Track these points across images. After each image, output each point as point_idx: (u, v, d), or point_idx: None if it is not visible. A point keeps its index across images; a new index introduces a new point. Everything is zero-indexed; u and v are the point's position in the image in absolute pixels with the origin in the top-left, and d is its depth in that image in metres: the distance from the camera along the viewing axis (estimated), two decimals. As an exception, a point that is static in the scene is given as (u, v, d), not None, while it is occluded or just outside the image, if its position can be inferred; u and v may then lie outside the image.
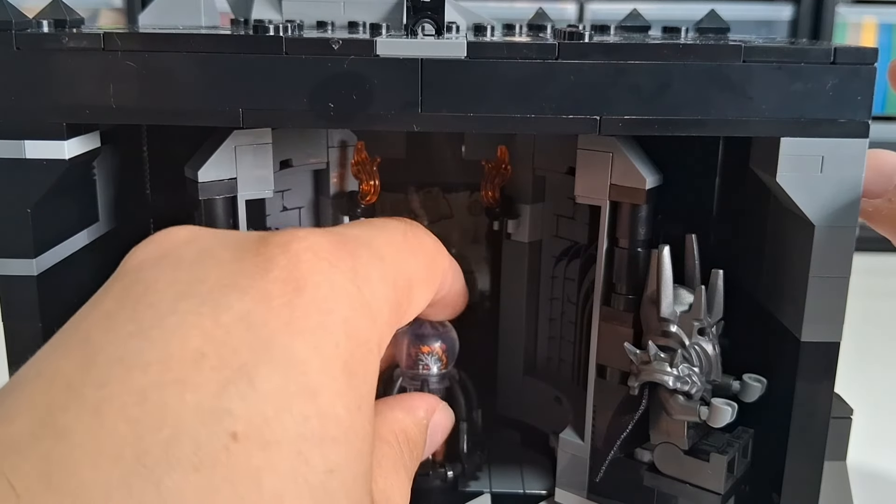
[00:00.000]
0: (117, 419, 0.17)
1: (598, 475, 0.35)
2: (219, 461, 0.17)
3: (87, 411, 0.17)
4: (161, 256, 0.22)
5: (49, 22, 0.28)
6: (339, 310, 0.21)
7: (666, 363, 0.31)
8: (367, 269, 0.23)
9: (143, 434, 0.17)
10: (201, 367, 0.18)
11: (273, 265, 0.21)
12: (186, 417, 0.17)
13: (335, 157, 0.38)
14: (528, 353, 0.42)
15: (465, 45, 0.27)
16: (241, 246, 0.22)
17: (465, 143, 0.40)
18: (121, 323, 0.19)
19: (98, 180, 0.34)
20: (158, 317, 0.19)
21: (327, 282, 0.21)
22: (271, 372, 0.19)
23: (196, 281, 0.20)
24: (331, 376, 0.20)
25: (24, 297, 0.29)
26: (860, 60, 0.27)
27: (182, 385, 0.18)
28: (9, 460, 0.17)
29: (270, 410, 0.18)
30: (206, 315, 0.19)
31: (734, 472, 0.32)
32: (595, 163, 0.33)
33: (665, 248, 0.31)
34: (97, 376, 0.18)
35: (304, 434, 0.18)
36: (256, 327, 0.19)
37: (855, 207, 0.28)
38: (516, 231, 0.41)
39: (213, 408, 0.18)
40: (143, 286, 0.20)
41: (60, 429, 0.17)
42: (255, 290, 0.20)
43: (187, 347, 0.18)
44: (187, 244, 0.22)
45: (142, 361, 0.18)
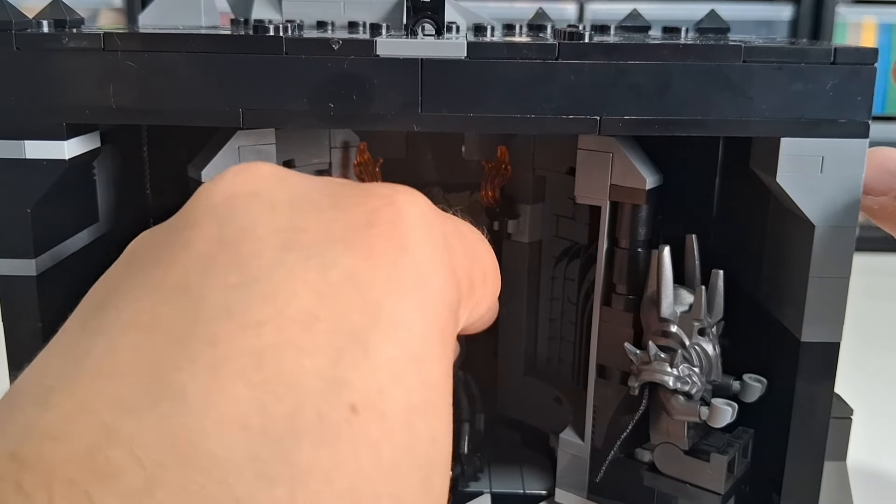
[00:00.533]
0: (237, 384, 0.16)
1: (598, 475, 0.35)
2: (342, 434, 0.17)
3: (202, 371, 0.16)
4: (251, 194, 0.21)
5: (49, 22, 0.28)
6: (437, 273, 0.20)
7: (666, 363, 0.31)
8: (454, 239, 0.23)
9: (267, 403, 0.16)
10: (315, 330, 0.18)
11: (377, 218, 0.20)
12: (307, 387, 0.17)
13: (338, 158, 0.38)
14: (529, 353, 0.42)
15: (465, 45, 0.27)
16: (339, 193, 0.21)
17: (465, 144, 0.40)
18: (221, 269, 0.18)
19: (98, 180, 0.34)
20: (263, 268, 0.18)
21: (428, 244, 0.21)
22: (383, 339, 0.18)
23: (298, 230, 0.20)
24: (431, 343, 0.19)
25: (24, 297, 0.29)
26: (860, 61, 0.27)
27: (299, 350, 0.17)
28: (126, 424, 0.16)
29: (384, 380, 0.18)
30: (313, 270, 0.19)
31: (734, 472, 0.32)
32: (595, 163, 0.33)
33: (665, 248, 0.31)
34: (206, 331, 0.17)
35: (413, 403, 0.18)
36: (364, 288, 0.19)
37: (855, 208, 0.28)
38: (516, 231, 0.41)
39: (332, 377, 0.17)
40: (240, 228, 0.19)
41: (177, 389, 0.16)
42: (359, 245, 0.19)
43: (299, 307, 0.18)
44: (278, 184, 0.21)
45: (254, 319, 0.17)
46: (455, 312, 0.21)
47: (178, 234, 0.20)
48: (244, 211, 0.20)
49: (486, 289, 0.25)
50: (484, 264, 0.25)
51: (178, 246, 0.20)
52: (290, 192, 0.21)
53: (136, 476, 0.15)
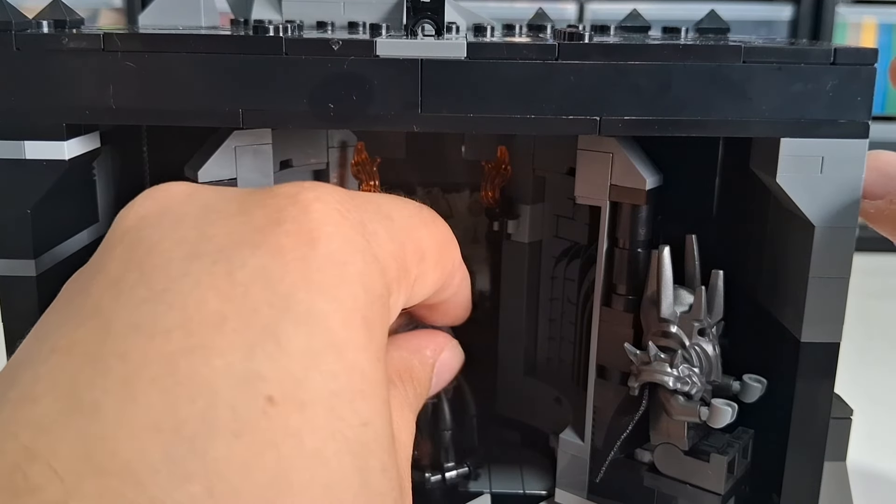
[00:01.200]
0: (148, 391, 0.17)
1: (598, 476, 0.35)
2: (259, 426, 0.17)
3: (114, 384, 0.17)
4: (161, 213, 0.21)
5: (49, 22, 0.28)
6: (353, 262, 0.20)
7: (666, 364, 0.31)
8: (375, 224, 0.22)
9: (178, 405, 0.17)
10: (224, 329, 0.18)
11: (283, 217, 0.20)
12: (219, 384, 0.17)
13: (335, 158, 0.38)
14: (528, 353, 0.42)
15: (464, 45, 0.27)
16: (245, 199, 0.21)
17: (464, 144, 0.40)
18: (130, 287, 0.19)
19: (98, 181, 0.34)
20: (170, 279, 0.19)
21: (339, 233, 0.20)
22: (296, 330, 0.18)
23: (204, 238, 0.20)
24: (352, 330, 0.19)
25: (23, 298, 0.29)
26: (860, 61, 0.27)
27: (208, 350, 0.17)
28: (43, 442, 0.16)
29: (300, 370, 0.18)
30: (219, 274, 0.19)
31: (734, 472, 0.32)
32: (595, 163, 0.33)
33: (665, 248, 0.31)
34: (117, 347, 0.17)
35: (334, 391, 0.18)
36: (274, 283, 0.19)
37: (855, 208, 0.28)
38: (516, 231, 0.41)
39: (244, 372, 0.17)
40: (148, 246, 0.20)
41: (91, 405, 0.17)
42: (267, 245, 0.19)
43: (206, 310, 0.18)
44: (187, 199, 0.22)
45: (162, 328, 0.18)
46: (381, 298, 0.21)
47: (95, 264, 0.21)
48: (152, 230, 0.20)
49: (424, 264, 0.24)
50: (420, 242, 0.24)
51: (94, 274, 0.20)
52: (198, 205, 0.21)
53: (55, 488, 0.15)
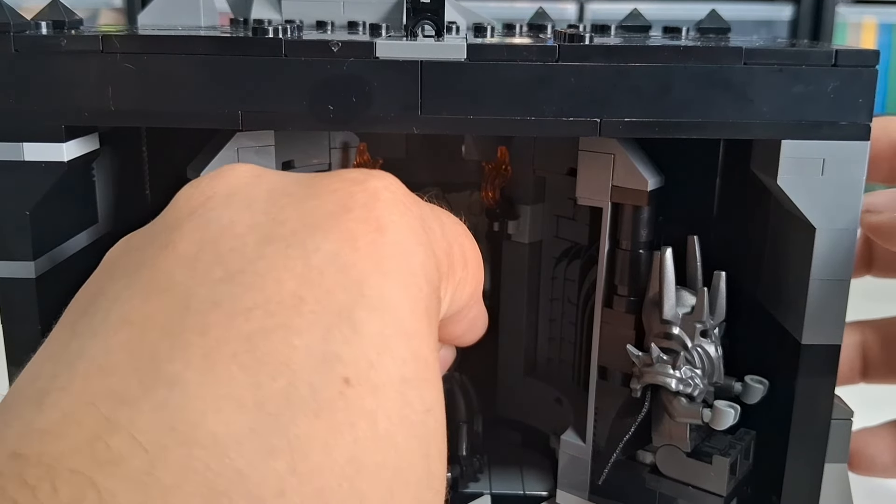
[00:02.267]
0: (230, 367, 0.17)
1: (600, 477, 0.35)
2: (337, 406, 0.17)
3: (195, 359, 0.17)
4: (229, 194, 0.21)
5: (48, 23, 0.28)
6: (416, 252, 0.21)
7: (668, 365, 0.31)
8: (431, 221, 0.23)
9: (261, 381, 0.17)
10: (302, 311, 0.18)
11: (353, 203, 0.21)
12: (298, 363, 0.17)
13: (337, 159, 0.38)
14: (529, 354, 0.42)
15: (464, 47, 0.27)
16: (313, 183, 0.22)
17: (465, 144, 0.40)
18: (206, 266, 0.19)
19: (97, 182, 0.34)
20: (246, 261, 0.19)
21: (404, 223, 0.21)
22: (369, 315, 0.19)
23: (276, 223, 0.20)
24: (418, 319, 0.20)
25: (23, 300, 0.29)
26: (861, 63, 0.27)
27: (287, 330, 0.18)
28: (124, 413, 0.16)
29: (374, 354, 0.18)
30: (295, 258, 0.19)
31: (736, 474, 0.32)
32: (596, 164, 0.33)
33: (668, 249, 0.31)
34: (197, 323, 0.18)
35: (404, 376, 0.19)
36: (347, 269, 0.19)
37: (856, 210, 0.28)
38: (516, 232, 0.40)
39: (323, 353, 0.18)
40: (219, 228, 0.20)
41: (171, 377, 0.17)
42: (339, 230, 0.20)
43: (284, 291, 0.18)
44: (255, 181, 0.22)
45: (242, 307, 0.18)
46: (437, 290, 0.22)
47: (159, 238, 0.20)
48: (222, 211, 0.21)
49: (466, 271, 0.25)
50: (463, 246, 0.25)
51: (160, 249, 0.20)
52: (266, 189, 0.22)
53: (139, 458, 0.15)
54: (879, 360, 0.39)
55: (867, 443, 0.37)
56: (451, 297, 0.25)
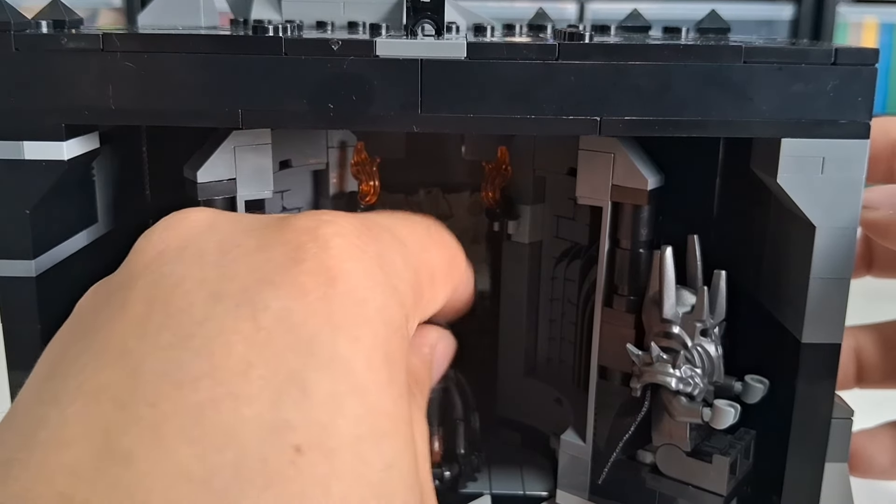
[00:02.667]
0: (178, 441, 0.17)
1: (600, 477, 0.35)
2: (287, 476, 0.17)
3: (146, 432, 0.17)
4: (181, 248, 0.21)
5: (48, 23, 0.28)
6: (373, 298, 0.20)
7: (668, 365, 0.31)
8: (391, 253, 0.22)
9: (208, 455, 0.17)
10: (250, 377, 0.18)
11: (303, 254, 0.20)
12: (247, 434, 0.17)
13: (335, 158, 0.38)
14: (529, 354, 0.42)
15: (464, 45, 0.27)
16: (264, 232, 0.21)
17: (465, 144, 0.40)
18: (156, 330, 0.19)
19: (97, 181, 0.34)
20: (194, 323, 0.19)
21: (359, 269, 0.21)
22: (320, 376, 0.18)
23: (225, 278, 0.20)
24: (375, 370, 0.19)
25: (23, 299, 0.29)
26: (861, 61, 0.27)
27: (236, 399, 0.17)
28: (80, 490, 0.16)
29: (326, 417, 0.18)
30: (243, 318, 0.19)
31: (736, 473, 0.32)
32: (596, 164, 0.33)
33: (668, 248, 0.31)
34: (147, 393, 0.18)
35: (359, 435, 0.18)
36: (297, 327, 0.19)
37: (856, 208, 0.28)
38: (516, 232, 0.40)
39: (272, 421, 0.17)
40: (170, 286, 0.20)
41: (123, 453, 0.17)
42: (288, 285, 0.19)
43: (232, 357, 0.18)
44: (207, 232, 0.22)
45: (190, 376, 0.18)
46: (400, 329, 0.21)
47: (117, 295, 0.20)
48: (174, 266, 0.20)
49: (434, 288, 0.25)
50: (431, 265, 0.24)
51: (115, 310, 0.20)
52: (217, 240, 0.21)
53: None
54: (874, 364, 0.39)
55: (865, 445, 0.37)
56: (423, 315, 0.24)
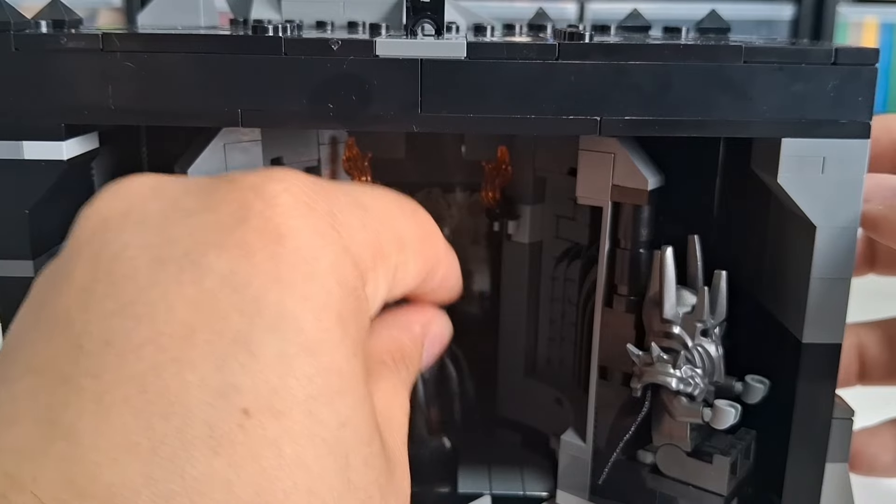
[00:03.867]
0: (123, 411, 0.17)
1: (600, 477, 0.34)
2: (236, 440, 0.17)
3: (89, 405, 0.17)
4: (124, 213, 0.20)
5: (48, 22, 0.28)
6: (323, 256, 0.20)
7: (669, 365, 0.31)
8: (346, 214, 0.21)
9: (154, 424, 0.16)
10: (195, 342, 0.17)
11: (249, 213, 0.19)
12: (193, 400, 0.17)
13: (326, 154, 0.38)
14: (529, 354, 0.42)
15: (464, 45, 0.27)
16: (208, 192, 0.20)
17: (465, 144, 0.40)
18: (98, 299, 0.18)
19: (97, 181, 0.34)
20: (138, 290, 0.18)
21: (307, 226, 0.20)
22: (267, 336, 0.18)
23: (169, 242, 0.19)
24: (325, 329, 0.19)
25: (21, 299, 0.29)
26: (861, 61, 0.27)
27: (180, 365, 0.17)
28: (26, 469, 0.16)
29: (275, 378, 0.18)
30: (187, 283, 0.18)
31: (737, 473, 0.32)
32: (597, 164, 0.33)
33: (668, 249, 0.31)
34: (89, 365, 0.17)
35: (311, 395, 0.18)
36: (242, 288, 0.18)
37: (856, 208, 0.28)
38: (516, 232, 0.40)
39: (218, 385, 0.17)
40: (113, 252, 0.19)
41: (68, 428, 0.16)
42: (233, 245, 0.19)
43: (175, 322, 0.18)
44: (150, 196, 0.21)
45: (133, 344, 0.17)
46: (355, 290, 0.21)
47: (62, 268, 0.20)
48: (117, 234, 0.20)
49: (404, 254, 0.24)
50: (398, 230, 0.24)
51: (60, 281, 0.20)
52: (161, 203, 0.21)
53: None
54: (877, 361, 0.39)
55: (867, 443, 0.37)
56: (392, 283, 0.23)
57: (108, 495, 0.16)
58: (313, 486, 0.17)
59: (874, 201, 0.29)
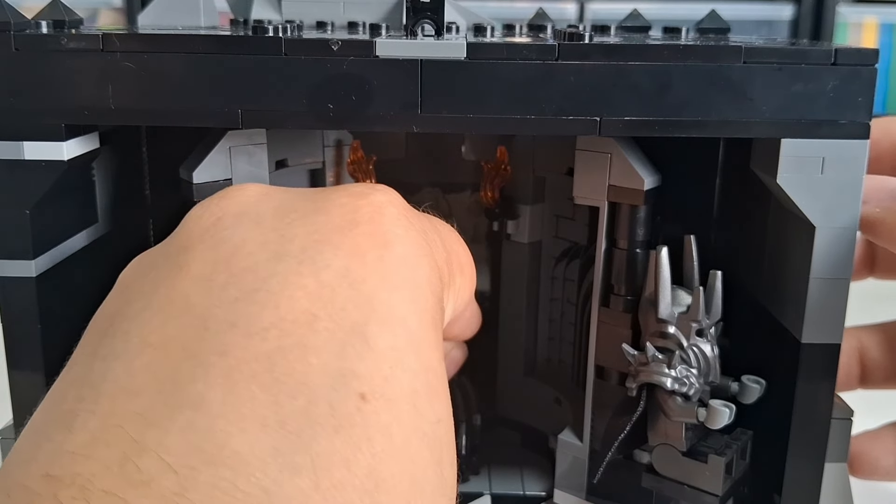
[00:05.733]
0: (251, 386, 0.17)
1: (595, 476, 0.35)
2: (354, 421, 0.18)
3: (217, 379, 0.17)
4: (239, 213, 0.22)
5: (48, 23, 0.28)
6: (421, 264, 0.21)
7: (664, 364, 0.31)
8: (430, 234, 0.24)
9: (281, 400, 0.17)
10: (316, 328, 0.19)
11: (359, 217, 0.21)
12: (316, 381, 0.18)
13: (331, 157, 0.38)
14: (528, 354, 0.42)
15: (464, 45, 0.27)
16: (319, 197, 0.22)
17: (465, 144, 0.40)
18: (220, 287, 0.19)
19: (97, 181, 0.34)
20: (259, 279, 0.19)
21: (409, 237, 0.22)
22: (381, 329, 0.19)
23: (285, 239, 0.21)
24: (426, 330, 0.20)
25: (23, 299, 0.29)
26: (861, 62, 0.27)
27: (304, 348, 0.18)
28: (151, 435, 0.16)
29: (387, 368, 0.19)
30: (306, 275, 0.20)
31: (732, 473, 0.32)
32: (593, 164, 0.33)
33: (663, 249, 0.31)
34: (216, 343, 0.18)
35: (416, 388, 0.19)
36: (357, 284, 0.20)
37: (856, 208, 0.28)
38: (516, 232, 0.40)
39: (338, 370, 0.18)
40: (231, 247, 0.20)
41: (195, 398, 0.17)
42: (347, 245, 0.20)
43: (298, 309, 0.19)
44: (263, 199, 0.23)
45: (258, 326, 0.18)
46: (441, 300, 0.22)
47: (173, 259, 0.21)
48: (233, 230, 0.21)
49: (464, 278, 0.26)
50: (459, 256, 0.26)
51: (175, 270, 0.20)
52: (274, 206, 0.22)
53: (169, 479, 0.16)
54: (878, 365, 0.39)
55: (869, 446, 0.37)
56: (454, 304, 0.25)
57: (238, 463, 0.16)
58: (416, 476, 0.18)
59: (872, 203, 0.29)
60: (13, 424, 0.31)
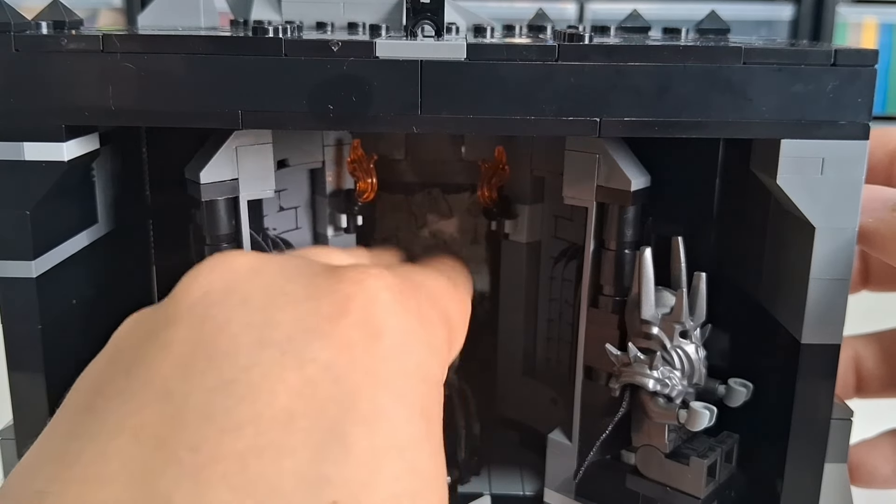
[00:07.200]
0: (219, 488, 0.17)
1: (577, 476, 0.35)
2: None
3: (186, 477, 0.17)
4: (226, 290, 0.21)
5: (48, 23, 0.28)
6: (413, 353, 0.21)
7: (646, 365, 0.31)
8: (428, 310, 0.23)
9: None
10: (293, 428, 0.18)
11: (351, 306, 0.21)
12: (288, 487, 0.17)
13: (331, 156, 0.38)
14: (527, 354, 0.42)
15: (464, 46, 0.27)
16: (310, 281, 0.22)
17: (465, 144, 0.40)
18: (199, 372, 0.19)
19: (97, 182, 0.34)
20: (239, 368, 0.19)
21: (401, 325, 0.21)
22: (362, 431, 0.19)
23: (271, 325, 0.20)
24: (414, 425, 0.20)
25: (23, 299, 0.29)
26: (860, 62, 0.27)
27: (278, 450, 0.18)
28: None
29: (365, 473, 0.18)
30: (289, 367, 0.19)
31: (716, 476, 0.32)
32: (582, 164, 0.33)
33: (647, 250, 0.31)
34: (189, 437, 0.18)
35: (396, 493, 0.18)
36: (341, 380, 0.19)
37: (855, 209, 0.28)
38: (514, 232, 0.40)
39: (312, 475, 0.17)
40: (215, 328, 0.20)
41: (162, 495, 0.17)
42: (334, 336, 0.20)
43: (276, 406, 0.18)
44: (252, 276, 0.22)
45: (233, 423, 0.18)
46: (437, 384, 0.22)
47: (159, 334, 0.21)
48: (219, 309, 0.21)
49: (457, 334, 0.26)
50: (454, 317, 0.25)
51: (158, 347, 0.20)
52: (263, 285, 0.22)
53: None
54: (873, 374, 0.39)
55: (867, 455, 0.37)
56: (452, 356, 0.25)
57: None
58: None
59: (866, 214, 0.29)
60: (13, 424, 0.31)
